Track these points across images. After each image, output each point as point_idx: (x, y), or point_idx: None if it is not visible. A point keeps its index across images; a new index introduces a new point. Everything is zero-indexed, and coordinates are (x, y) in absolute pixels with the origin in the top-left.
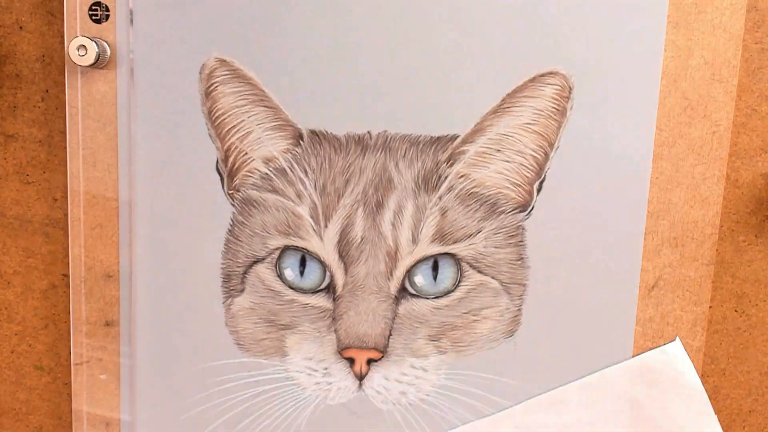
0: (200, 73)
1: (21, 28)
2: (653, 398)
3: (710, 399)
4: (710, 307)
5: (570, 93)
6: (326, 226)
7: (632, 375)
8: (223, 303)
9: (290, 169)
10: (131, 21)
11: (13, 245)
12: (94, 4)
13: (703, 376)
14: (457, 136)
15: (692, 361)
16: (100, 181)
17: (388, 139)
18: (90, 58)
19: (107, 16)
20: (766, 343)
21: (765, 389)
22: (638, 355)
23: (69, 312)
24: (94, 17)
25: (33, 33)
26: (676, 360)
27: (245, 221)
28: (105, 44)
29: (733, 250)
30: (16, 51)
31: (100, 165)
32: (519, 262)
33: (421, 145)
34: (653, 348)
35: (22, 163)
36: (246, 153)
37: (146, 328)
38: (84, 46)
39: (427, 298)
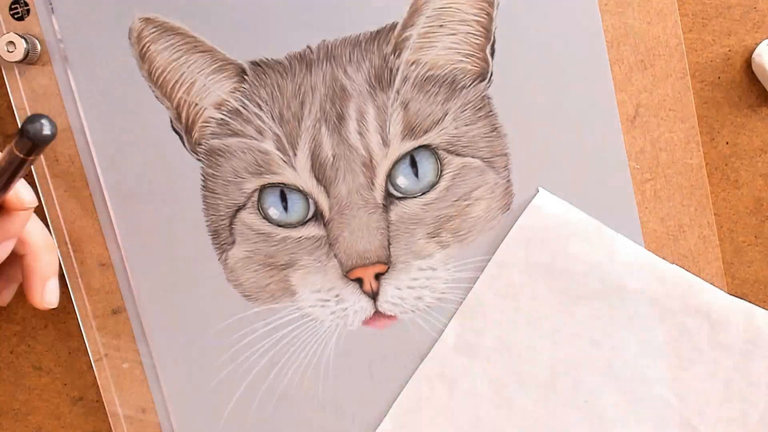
0: (129, 38)
1: None
2: (551, 252)
3: None
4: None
5: None
6: (295, 155)
7: (522, 244)
8: (218, 259)
9: (243, 107)
10: (52, 10)
11: None
12: (14, 2)
13: None
14: (396, 24)
15: (697, 175)
16: (66, 174)
17: (329, 47)
18: (19, 54)
19: (28, 11)
20: None
21: None
22: (514, 224)
23: (68, 312)
24: (15, 15)
25: None
26: (550, 205)
27: (216, 172)
28: (35, 40)
29: (732, 251)
30: None
31: (61, 158)
32: (494, 134)
33: (363, 44)
34: (648, 180)
35: None
36: (196, 104)
37: (152, 306)
38: (12, 42)
39: (415, 197)
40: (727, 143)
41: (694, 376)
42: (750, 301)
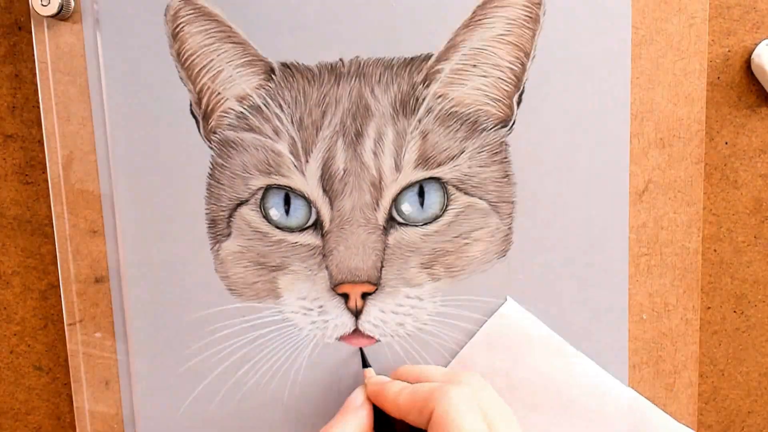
0: (165, 15)
1: None
2: (513, 359)
3: (709, 400)
4: (709, 308)
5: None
6: (307, 161)
7: (486, 349)
8: (211, 249)
9: (265, 105)
10: None
11: (12, 246)
12: None
13: (702, 377)
14: (431, 55)
15: (692, 259)
16: (75, 135)
17: (362, 64)
18: (53, 8)
19: None
20: (765, 344)
21: (764, 390)
22: (480, 329)
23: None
24: None
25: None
26: (517, 315)
27: (225, 163)
28: None
29: (732, 251)
30: None
31: (74, 118)
32: (505, 180)
33: (395, 68)
34: (644, 255)
35: (21, 163)
36: (219, 93)
37: (136, 281)
38: None
39: (416, 226)
40: (727, 143)
41: None
42: (749, 302)
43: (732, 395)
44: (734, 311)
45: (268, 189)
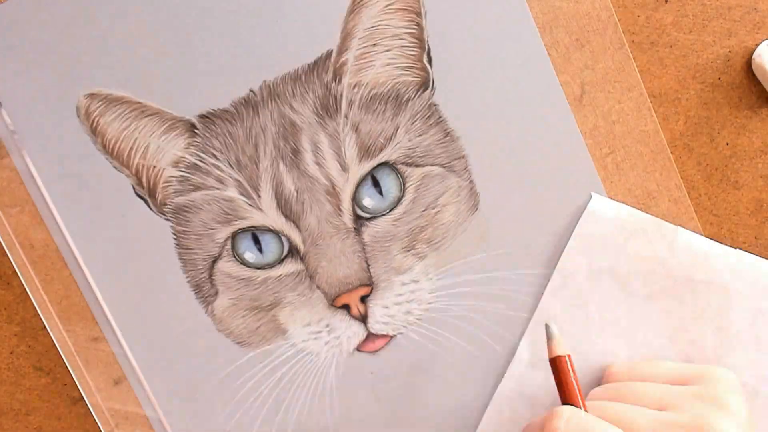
0: (78, 116)
1: None
2: (613, 254)
3: None
4: None
5: None
6: (259, 196)
7: (582, 252)
8: (206, 312)
9: (200, 160)
10: (0, 104)
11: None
12: None
13: None
14: (331, 51)
15: (654, 140)
16: (44, 258)
17: (271, 87)
18: None
19: None
20: None
21: None
22: (572, 233)
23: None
24: None
25: None
26: (605, 208)
27: (186, 228)
28: None
29: None
30: None
31: (36, 244)
32: (447, 139)
33: (303, 77)
34: (608, 154)
35: None
36: (154, 167)
37: (152, 371)
38: None
39: (384, 215)
40: (728, 144)
41: None
42: None
43: None
44: None
45: (234, 236)
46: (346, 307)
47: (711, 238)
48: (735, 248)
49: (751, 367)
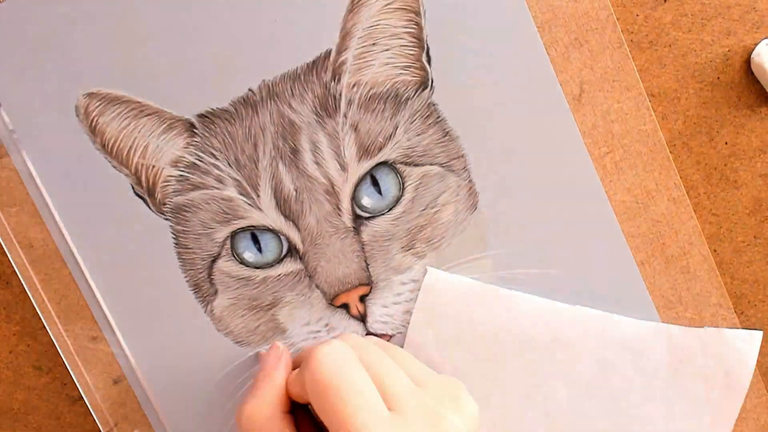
0: (77, 115)
1: None
2: (456, 324)
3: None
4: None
5: None
6: (258, 196)
7: (427, 325)
8: (205, 312)
9: (199, 160)
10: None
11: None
12: None
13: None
14: (330, 50)
15: (653, 140)
16: (43, 258)
17: (270, 86)
18: None
19: None
20: (765, 345)
21: (764, 390)
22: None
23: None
24: None
25: None
26: (441, 281)
27: (185, 228)
28: None
29: (731, 251)
30: None
31: (36, 243)
32: (446, 138)
33: (302, 76)
34: (606, 154)
35: None
36: (153, 166)
37: (152, 370)
38: None
39: (383, 214)
40: (727, 143)
41: (632, 405)
42: (749, 302)
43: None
44: (734, 312)
45: (234, 235)
46: (345, 307)
47: (710, 238)
48: (573, 305)
49: (605, 416)
